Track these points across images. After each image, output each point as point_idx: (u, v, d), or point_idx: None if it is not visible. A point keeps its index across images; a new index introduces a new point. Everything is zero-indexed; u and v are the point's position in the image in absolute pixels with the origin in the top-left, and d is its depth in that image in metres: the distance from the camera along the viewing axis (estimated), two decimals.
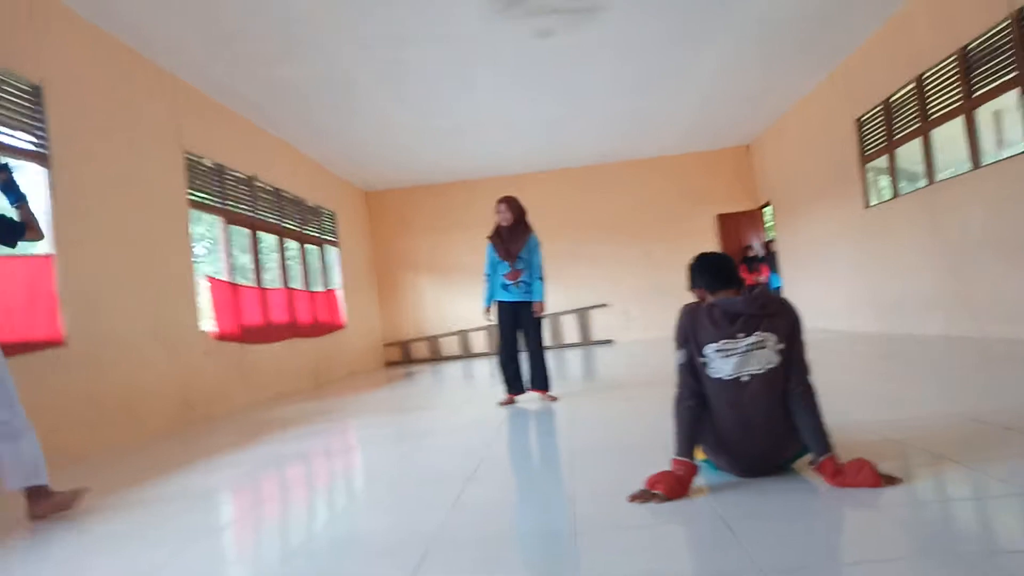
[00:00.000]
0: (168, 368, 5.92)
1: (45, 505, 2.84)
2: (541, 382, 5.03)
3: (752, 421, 2.28)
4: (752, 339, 2.28)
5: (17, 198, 3.16)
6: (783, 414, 2.28)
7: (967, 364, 4.87)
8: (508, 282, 5.02)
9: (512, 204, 5.08)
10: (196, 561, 2.14)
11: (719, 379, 2.30)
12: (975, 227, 6.17)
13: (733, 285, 2.44)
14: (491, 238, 5.12)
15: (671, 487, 2.21)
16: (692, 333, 2.38)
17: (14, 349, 4.11)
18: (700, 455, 2.42)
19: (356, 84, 7.48)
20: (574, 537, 1.96)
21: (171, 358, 5.97)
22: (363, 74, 7.23)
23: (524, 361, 5.10)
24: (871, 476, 2.12)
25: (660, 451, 2.96)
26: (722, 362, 2.29)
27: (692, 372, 2.36)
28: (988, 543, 1.71)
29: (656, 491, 2.20)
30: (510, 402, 5.07)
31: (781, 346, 2.28)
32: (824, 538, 1.83)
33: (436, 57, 7.05)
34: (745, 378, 2.28)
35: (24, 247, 3.42)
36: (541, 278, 5.06)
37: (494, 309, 5.13)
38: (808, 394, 2.27)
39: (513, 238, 5.02)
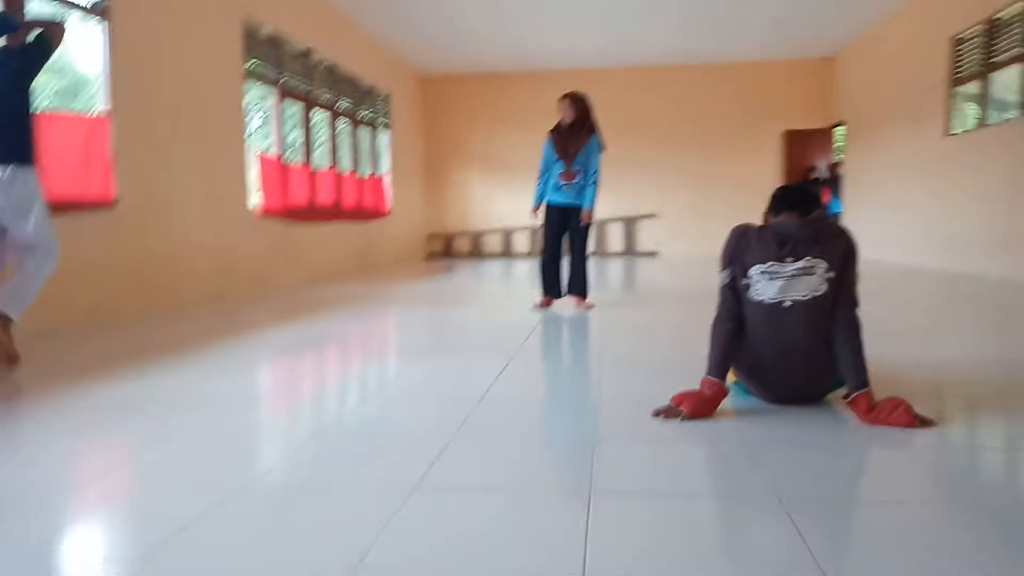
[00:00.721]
0: (213, 238, 6.04)
1: None
2: (580, 288, 4.96)
3: (791, 349, 2.21)
4: (800, 264, 2.17)
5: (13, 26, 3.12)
6: (824, 345, 2.19)
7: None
8: (562, 183, 4.86)
9: (576, 102, 4.83)
10: (225, 428, 2.21)
11: (761, 302, 2.22)
12: None
13: (797, 209, 2.29)
14: (551, 133, 4.93)
15: (696, 406, 2.17)
16: (739, 254, 2.29)
17: (66, 207, 4.21)
18: (732, 378, 2.38)
19: None
20: (593, 444, 1.95)
21: (217, 229, 6.08)
22: None
23: (565, 266, 5.04)
24: (904, 416, 2.05)
25: (692, 368, 2.91)
26: (766, 285, 2.20)
27: (734, 293, 2.28)
28: (1014, 495, 1.65)
29: (681, 408, 2.17)
30: (547, 304, 5.02)
31: (830, 275, 2.17)
32: (847, 473, 1.79)
33: None
34: (788, 303, 2.19)
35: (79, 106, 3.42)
36: (595, 183, 4.87)
37: (542, 210, 5.00)
38: (852, 327, 2.17)
39: (573, 138, 4.81)
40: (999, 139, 6.74)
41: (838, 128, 11.67)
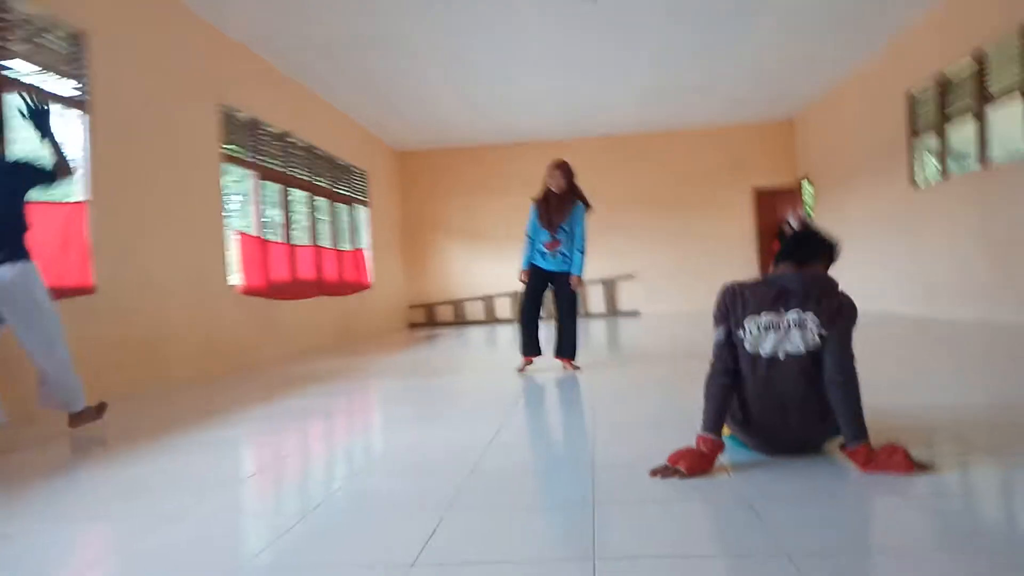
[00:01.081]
0: (195, 319, 5.99)
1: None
2: (569, 351, 4.96)
3: (785, 401, 2.21)
4: (792, 316, 2.20)
5: (44, 133, 3.36)
6: (817, 398, 2.19)
7: (1009, 353, 4.71)
8: (546, 251, 4.90)
9: (565, 170, 4.88)
10: (216, 510, 2.14)
11: (756, 356, 2.23)
12: None
13: (794, 258, 2.32)
14: (537, 202, 4.96)
15: (693, 463, 2.15)
16: (732, 308, 2.30)
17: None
18: (727, 431, 2.36)
19: (395, 41, 7.37)
20: (592, 508, 1.92)
21: (199, 310, 6.04)
22: (403, 30, 7.11)
23: (544, 327, 5.07)
24: (903, 462, 2.04)
25: (683, 425, 2.90)
26: (760, 337, 2.22)
27: (729, 349, 2.29)
28: (1014, 537, 1.63)
29: (678, 467, 2.15)
30: (528, 363, 5.04)
31: (823, 330, 2.18)
32: (852, 523, 1.77)
33: (478, 17, 6.90)
34: (781, 356, 2.20)
35: (57, 194, 3.53)
36: (582, 251, 4.91)
37: (535, 270, 4.99)
38: (844, 381, 2.15)
39: (559, 207, 4.84)
40: (962, 189, 6.98)
41: (805, 183, 12.02)
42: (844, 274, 8.63)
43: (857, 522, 1.79)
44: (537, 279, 4.97)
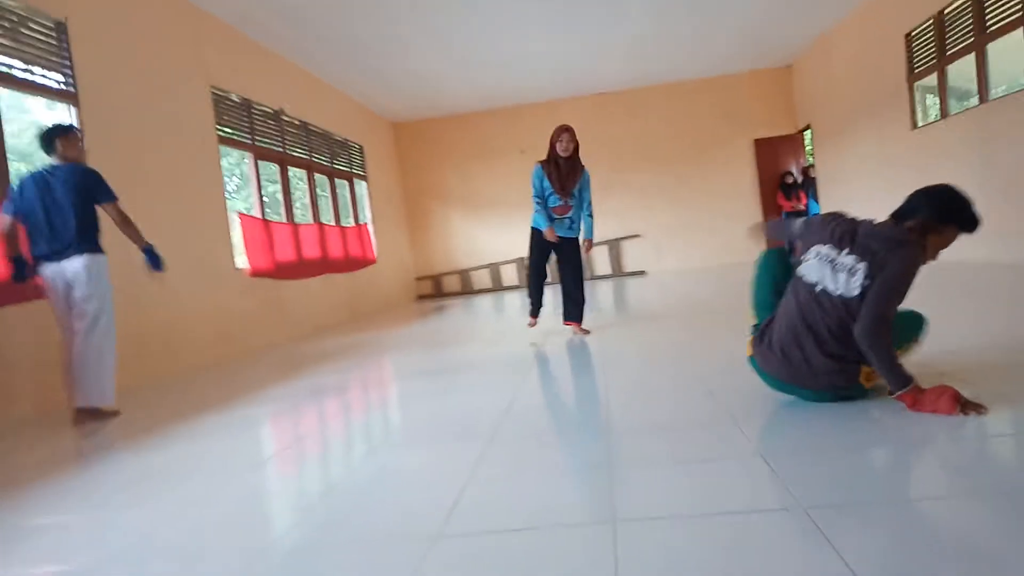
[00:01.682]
0: (205, 305, 6.02)
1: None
2: (577, 315, 5.00)
3: (800, 330, 2.29)
4: (847, 260, 2.25)
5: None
6: (837, 347, 2.24)
7: (1013, 295, 4.70)
8: (556, 216, 4.86)
9: (573, 133, 4.78)
10: (240, 492, 2.19)
11: (801, 278, 2.35)
12: None
13: (900, 211, 2.34)
14: (544, 164, 4.81)
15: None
16: (816, 230, 2.41)
17: None
18: (749, 352, 2.51)
19: (380, 10, 7.25)
20: (609, 471, 1.95)
21: (208, 295, 6.07)
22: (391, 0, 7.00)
23: (549, 289, 5.26)
24: (949, 403, 2.08)
25: (694, 384, 2.92)
26: (813, 265, 2.32)
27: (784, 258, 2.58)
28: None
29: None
30: (533, 324, 5.26)
31: (867, 282, 2.19)
32: (870, 475, 1.79)
33: None
34: (819, 289, 2.28)
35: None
36: (591, 215, 4.96)
37: (533, 235, 5.00)
38: (871, 346, 2.14)
39: (570, 172, 4.79)
40: (963, 127, 6.89)
41: (806, 132, 11.88)
42: None
43: (873, 474, 1.81)
44: (544, 244, 4.95)
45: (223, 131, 6.79)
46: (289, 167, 8.27)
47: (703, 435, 2.21)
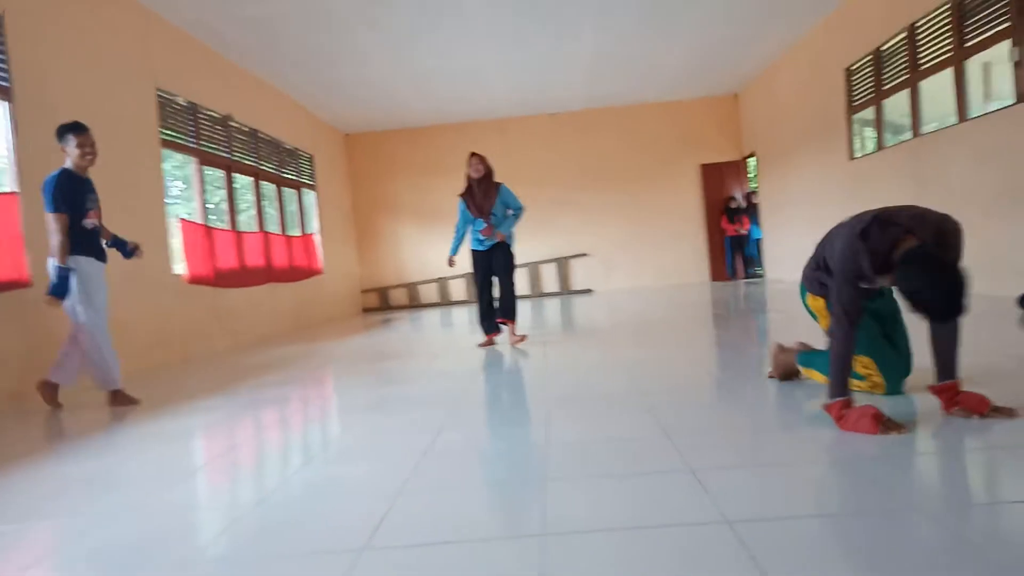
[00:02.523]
0: (140, 310, 5.83)
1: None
2: (509, 313, 5.36)
3: None
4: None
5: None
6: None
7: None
8: (483, 237, 5.31)
9: (483, 159, 5.34)
10: (167, 502, 2.11)
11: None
12: (958, 181, 6.16)
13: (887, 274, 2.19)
14: (463, 196, 5.35)
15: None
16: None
17: None
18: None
19: (335, 20, 7.21)
20: (544, 485, 1.95)
21: (142, 300, 5.87)
22: (343, 8, 6.97)
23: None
24: (869, 423, 2.15)
25: (635, 399, 2.96)
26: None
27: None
28: (953, 500, 1.72)
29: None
30: (489, 343, 5.36)
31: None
32: (787, 490, 1.83)
33: None
34: None
35: None
36: (516, 214, 5.36)
37: (463, 260, 5.38)
38: (829, 343, 2.29)
39: (484, 194, 5.25)
40: (897, 159, 7.21)
41: (750, 159, 12.24)
42: (785, 244, 8.91)
43: (800, 490, 1.85)
44: (482, 263, 5.37)
45: (167, 134, 6.63)
46: (235, 174, 8.11)
47: (637, 450, 2.23)
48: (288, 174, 9.80)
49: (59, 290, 3.82)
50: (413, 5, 7.06)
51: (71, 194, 3.86)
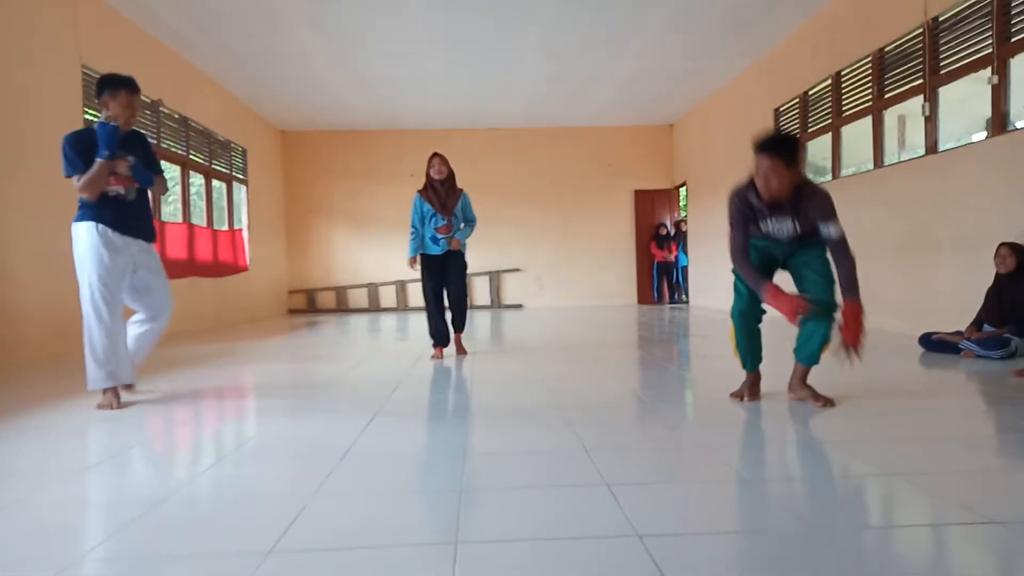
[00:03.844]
0: (50, 297, 5.52)
1: None
2: (459, 323, 5.25)
3: None
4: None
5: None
6: None
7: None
8: (440, 236, 5.06)
9: (446, 160, 5.15)
10: (56, 499, 1.99)
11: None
12: (870, 224, 6.51)
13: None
14: (422, 192, 5.14)
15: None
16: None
17: None
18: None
19: (278, 15, 7.07)
20: (459, 495, 1.94)
21: (53, 286, 5.56)
22: (292, 8, 6.85)
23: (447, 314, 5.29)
24: (789, 308, 2.83)
25: (556, 414, 2.99)
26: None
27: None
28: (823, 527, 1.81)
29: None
30: (439, 355, 5.13)
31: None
32: (693, 505, 1.88)
33: (370, 1, 6.74)
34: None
35: None
36: (472, 224, 5.23)
37: (420, 262, 5.16)
38: None
39: (448, 193, 5.10)
40: None
41: (682, 188, 12.63)
42: (710, 273, 9.16)
43: (711, 506, 1.91)
44: (435, 268, 5.13)
45: (92, 114, 6.32)
46: (162, 161, 7.80)
47: (555, 463, 2.25)
48: (219, 166, 9.51)
49: (105, 145, 3.31)
50: (358, 7, 7.00)
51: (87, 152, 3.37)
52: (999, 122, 5.06)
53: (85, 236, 3.36)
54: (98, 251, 3.35)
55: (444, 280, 5.17)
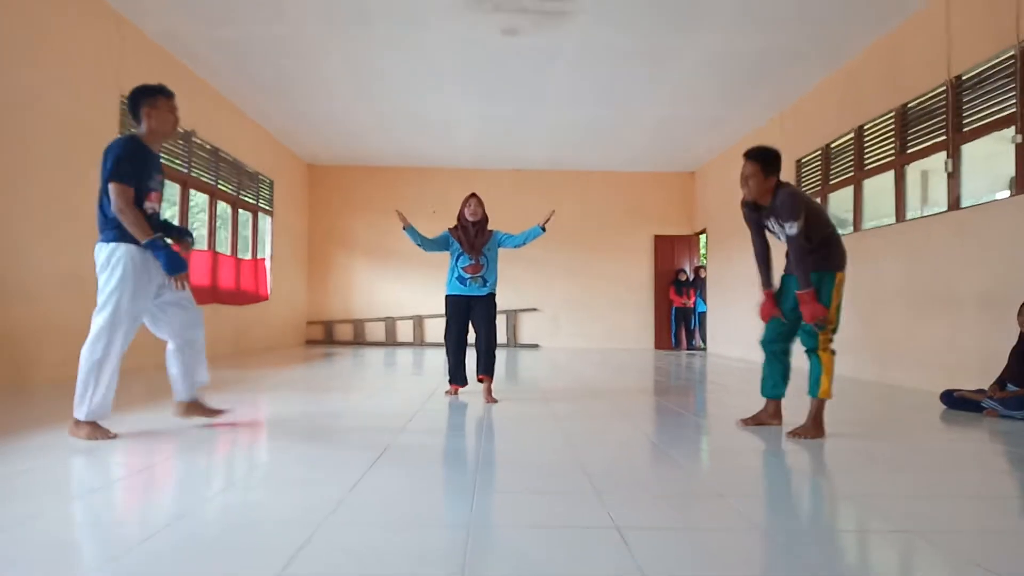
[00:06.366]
0: (76, 317, 5.61)
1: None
2: (488, 368, 4.91)
3: None
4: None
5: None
6: None
7: (856, 404, 5.09)
8: (467, 275, 4.91)
9: (482, 203, 5.04)
10: (69, 516, 2.01)
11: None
12: (891, 278, 6.47)
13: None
14: (452, 230, 5.00)
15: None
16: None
17: None
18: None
19: (307, 52, 7.28)
20: (467, 531, 1.93)
21: (71, 306, 5.66)
22: (315, 42, 7.05)
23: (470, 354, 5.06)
24: (762, 311, 3.84)
25: (568, 455, 2.97)
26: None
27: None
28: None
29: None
30: (455, 392, 5.06)
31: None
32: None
33: (398, 41, 6.94)
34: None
35: None
36: (523, 243, 5.08)
37: (445, 302, 4.98)
38: None
39: (478, 233, 4.95)
40: None
41: (702, 235, 12.64)
42: (728, 321, 9.09)
43: (722, 557, 1.88)
44: (459, 308, 4.96)
45: None
46: (191, 190, 7.99)
47: (566, 504, 2.23)
48: (247, 196, 9.70)
49: (172, 264, 3.34)
50: (385, 46, 7.18)
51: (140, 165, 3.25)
52: (1023, 181, 5.05)
53: (123, 258, 3.26)
54: (134, 276, 3.28)
55: (471, 323, 4.99)
